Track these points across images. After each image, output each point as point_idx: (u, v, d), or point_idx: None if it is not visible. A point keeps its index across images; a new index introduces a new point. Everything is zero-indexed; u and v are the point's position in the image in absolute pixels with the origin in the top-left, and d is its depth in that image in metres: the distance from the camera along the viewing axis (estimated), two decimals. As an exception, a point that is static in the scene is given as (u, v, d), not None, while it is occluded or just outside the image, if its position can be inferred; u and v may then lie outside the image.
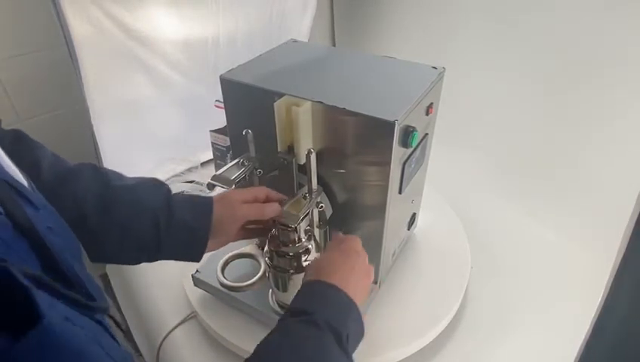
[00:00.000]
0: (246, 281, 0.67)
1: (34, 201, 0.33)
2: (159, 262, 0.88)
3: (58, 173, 0.51)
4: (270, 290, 0.68)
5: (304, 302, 0.48)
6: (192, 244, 0.56)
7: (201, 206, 0.57)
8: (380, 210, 0.61)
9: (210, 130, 1.00)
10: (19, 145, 0.50)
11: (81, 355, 0.26)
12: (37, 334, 0.23)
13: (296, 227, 0.58)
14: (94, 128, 0.91)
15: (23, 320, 0.23)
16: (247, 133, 0.63)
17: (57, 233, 0.34)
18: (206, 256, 0.73)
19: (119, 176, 0.56)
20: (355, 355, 0.47)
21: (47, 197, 0.44)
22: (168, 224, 0.54)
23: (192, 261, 0.59)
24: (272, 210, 0.58)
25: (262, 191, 0.62)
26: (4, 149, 0.40)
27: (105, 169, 0.55)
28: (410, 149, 0.60)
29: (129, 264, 0.57)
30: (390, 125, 0.53)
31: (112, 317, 0.41)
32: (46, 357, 0.24)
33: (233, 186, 0.61)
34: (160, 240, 0.54)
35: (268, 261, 0.63)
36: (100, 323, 0.32)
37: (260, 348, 0.43)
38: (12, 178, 0.32)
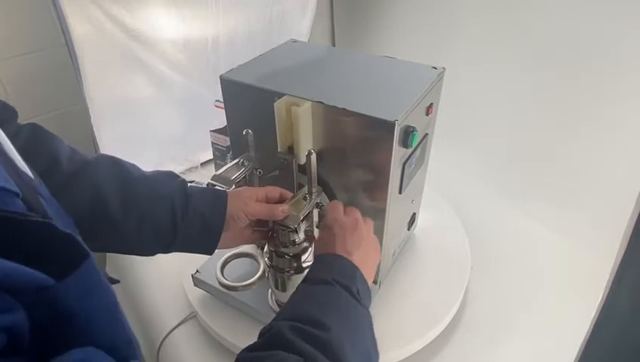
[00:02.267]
0: (245, 281, 0.67)
1: (42, 194, 0.36)
2: (159, 262, 0.88)
3: (77, 164, 0.52)
4: (269, 290, 0.68)
5: (312, 272, 0.50)
6: (207, 234, 0.57)
7: (216, 197, 0.58)
8: (380, 210, 0.61)
9: (211, 130, 1.00)
10: (36, 139, 0.51)
11: (108, 292, 0.31)
12: (85, 269, 0.28)
13: (296, 228, 0.58)
14: (94, 128, 0.91)
15: (61, 267, 0.27)
16: (247, 133, 0.63)
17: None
18: (205, 256, 0.73)
19: (136, 168, 0.57)
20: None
21: (66, 188, 0.48)
22: (184, 213, 0.55)
23: (206, 253, 0.59)
24: (282, 210, 0.58)
25: (275, 191, 0.61)
26: (20, 143, 0.41)
27: (122, 160, 0.56)
28: (410, 149, 0.60)
29: (145, 255, 0.58)
30: (390, 125, 0.53)
31: None
32: (88, 291, 0.29)
33: (233, 186, 0.61)
34: (176, 229, 0.55)
35: (267, 261, 0.63)
36: None
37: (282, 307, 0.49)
38: (23, 173, 0.35)
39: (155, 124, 1.03)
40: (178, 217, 0.54)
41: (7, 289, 0.25)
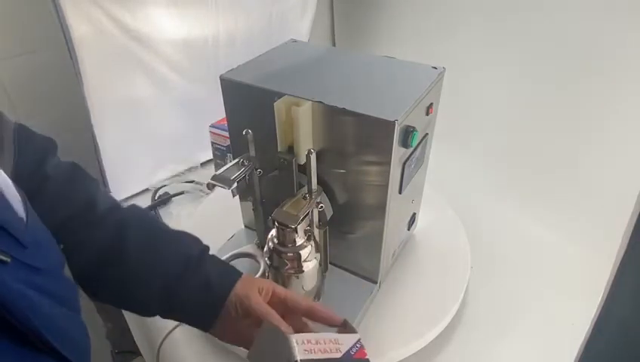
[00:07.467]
0: (246, 281, 0.67)
1: (22, 240, 0.33)
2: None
3: (110, 205, 0.53)
4: (270, 290, 0.68)
5: None
6: (209, 300, 0.51)
7: (228, 269, 0.54)
8: (380, 210, 0.61)
9: (210, 125, 1.00)
10: (74, 178, 0.53)
11: None
12: None
13: (295, 227, 0.58)
14: (94, 128, 0.91)
15: None
16: (247, 133, 0.63)
17: (44, 273, 0.36)
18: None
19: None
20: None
21: (97, 226, 0.50)
22: (194, 270, 0.51)
23: (203, 325, 0.53)
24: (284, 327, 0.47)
25: (301, 303, 0.52)
26: (59, 180, 0.48)
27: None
28: (410, 149, 0.61)
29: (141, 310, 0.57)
30: (390, 125, 0.53)
31: None
32: None
33: (235, 185, 0.61)
34: (181, 281, 0.51)
35: (267, 261, 0.63)
36: None
37: None
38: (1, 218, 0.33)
39: (155, 124, 1.03)
40: (188, 271, 0.51)
41: None
